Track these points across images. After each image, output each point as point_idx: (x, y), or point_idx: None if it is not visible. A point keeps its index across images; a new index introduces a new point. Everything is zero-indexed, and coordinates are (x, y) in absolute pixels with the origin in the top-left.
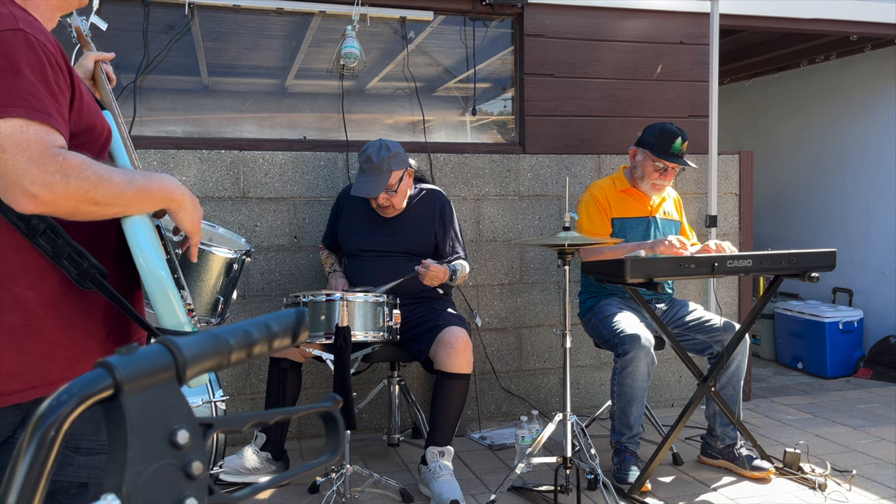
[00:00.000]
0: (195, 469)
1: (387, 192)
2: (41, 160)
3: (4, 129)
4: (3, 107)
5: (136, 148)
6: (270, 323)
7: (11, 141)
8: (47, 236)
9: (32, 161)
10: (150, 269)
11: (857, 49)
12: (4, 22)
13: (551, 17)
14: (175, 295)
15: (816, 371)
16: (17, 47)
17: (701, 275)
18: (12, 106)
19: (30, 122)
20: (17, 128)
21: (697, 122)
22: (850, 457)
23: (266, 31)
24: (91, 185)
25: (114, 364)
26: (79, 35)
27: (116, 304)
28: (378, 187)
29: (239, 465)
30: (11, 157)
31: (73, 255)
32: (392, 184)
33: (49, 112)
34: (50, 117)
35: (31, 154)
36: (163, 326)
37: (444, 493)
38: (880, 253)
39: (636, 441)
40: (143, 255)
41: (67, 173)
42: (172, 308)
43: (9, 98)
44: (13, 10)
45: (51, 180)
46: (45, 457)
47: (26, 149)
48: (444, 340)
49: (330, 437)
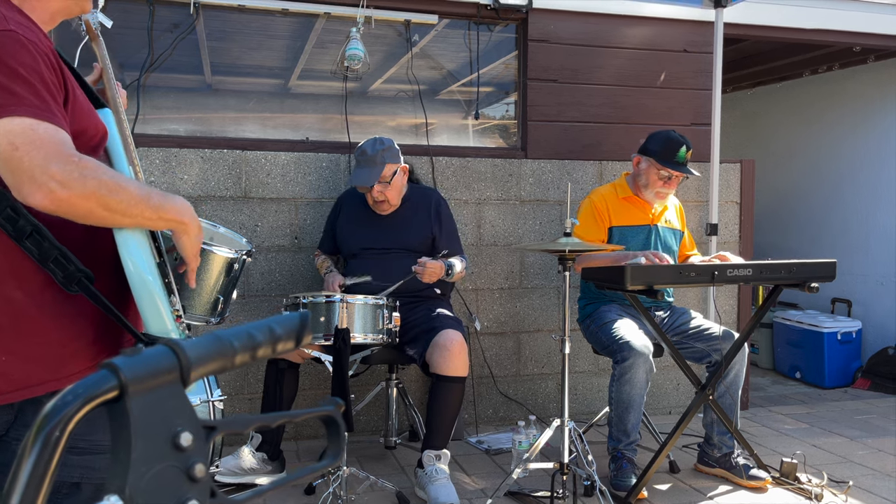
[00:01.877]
0: (198, 471)
1: (381, 184)
2: (57, 157)
3: (13, 126)
4: (6, 107)
5: (139, 146)
6: (274, 326)
7: (24, 139)
8: (34, 239)
9: (50, 158)
10: (138, 273)
11: (861, 60)
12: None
13: (555, 23)
14: (163, 300)
15: (814, 381)
16: (8, 47)
17: (701, 283)
18: (16, 105)
19: (37, 120)
20: (28, 126)
21: (699, 130)
22: (847, 468)
23: (270, 32)
24: (107, 189)
25: (119, 365)
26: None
27: (102, 307)
28: (373, 177)
29: (235, 466)
30: (27, 154)
31: (59, 259)
32: (386, 175)
33: (53, 111)
34: (55, 117)
35: (48, 151)
36: (148, 332)
37: (440, 497)
38: (880, 263)
39: (633, 448)
40: (131, 259)
41: (85, 173)
42: (159, 313)
43: (11, 98)
44: (4, 10)
45: (69, 178)
46: (49, 457)
47: (41, 147)
48: (439, 343)
49: (331, 441)
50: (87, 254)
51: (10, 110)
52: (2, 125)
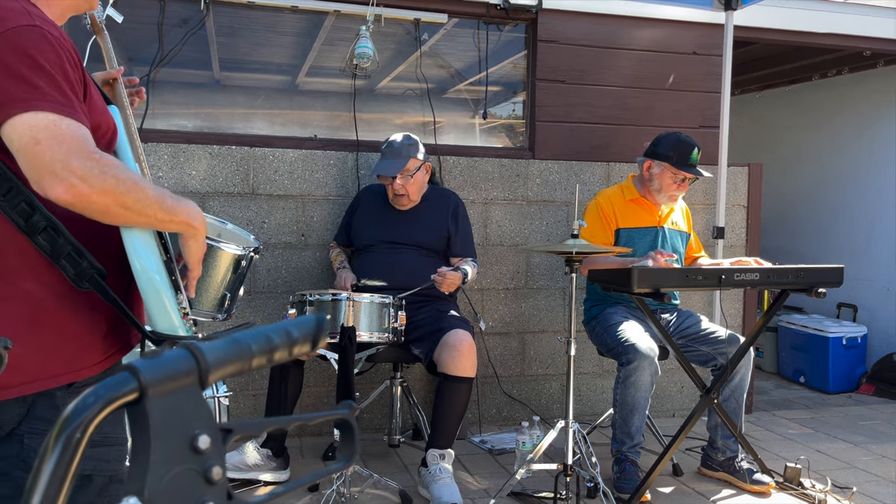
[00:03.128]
0: (215, 474)
1: (403, 177)
2: (79, 153)
3: (37, 121)
4: (30, 101)
5: (147, 141)
6: (291, 329)
7: (47, 133)
8: (48, 234)
9: (72, 152)
10: (145, 272)
11: (870, 65)
12: (20, 17)
13: (565, 24)
14: (170, 298)
15: (818, 386)
16: (35, 43)
17: (707, 287)
18: (40, 100)
19: (61, 116)
20: (51, 121)
21: (708, 132)
22: (851, 473)
23: (280, 29)
24: (126, 187)
25: (139, 368)
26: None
27: (113, 304)
28: (396, 167)
29: (240, 462)
30: (49, 149)
31: (72, 254)
32: (409, 168)
33: (75, 108)
34: (76, 113)
35: (70, 146)
36: (156, 329)
37: (443, 496)
38: (886, 269)
39: (637, 451)
40: (138, 257)
41: (105, 170)
42: (166, 311)
43: (35, 93)
44: (26, 6)
45: (89, 174)
46: (70, 458)
47: (63, 141)
48: (448, 343)
49: (345, 444)
50: (98, 250)
51: (33, 105)
52: (25, 119)
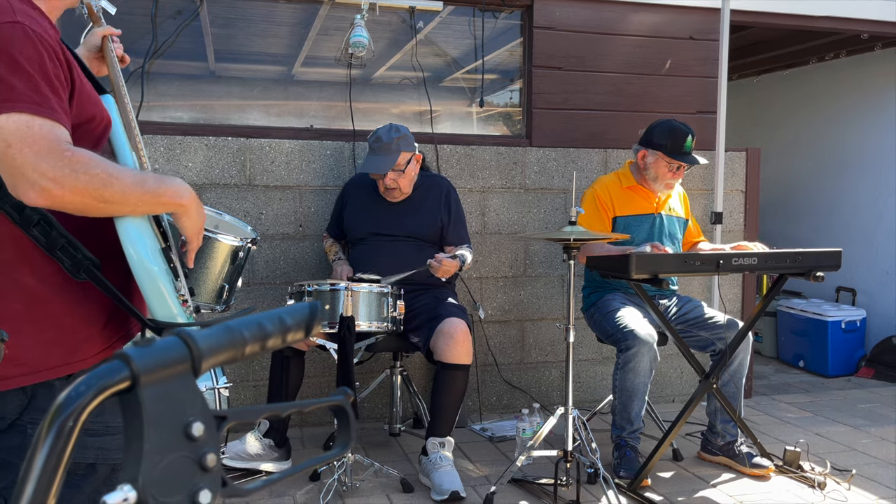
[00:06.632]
0: (209, 461)
1: (394, 172)
2: (49, 154)
3: (8, 124)
4: (5, 102)
5: (143, 134)
6: (284, 316)
7: (17, 136)
8: (41, 227)
9: (41, 155)
10: (140, 261)
11: (868, 48)
12: (2, 14)
13: (561, 10)
14: (167, 286)
15: (818, 370)
16: (14, 40)
17: (706, 272)
18: (15, 101)
19: (34, 116)
20: (23, 123)
21: (705, 118)
22: (850, 456)
23: (274, 19)
24: (100, 182)
25: (131, 356)
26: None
27: (109, 294)
28: (387, 164)
29: (241, 451)
30: (19, 152)
31: (66, 246)
32: (400, 163)
33: (52, 107)
34: (54, 112)
35: (39, 149)
36: (154, 318)
37: (444, 484)
38: (885, 253)
39: (637, 436)
40: (132, 244)
41: (76, 168)
42: (164, 299)
43: (10, 93)
44: (13, 1)
45: (60, 175)
46: (62, 446)
47: (33, 144)
48: (443, 331)
49: (341, 431)
50: (94, 241)
51: (8, 106)
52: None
